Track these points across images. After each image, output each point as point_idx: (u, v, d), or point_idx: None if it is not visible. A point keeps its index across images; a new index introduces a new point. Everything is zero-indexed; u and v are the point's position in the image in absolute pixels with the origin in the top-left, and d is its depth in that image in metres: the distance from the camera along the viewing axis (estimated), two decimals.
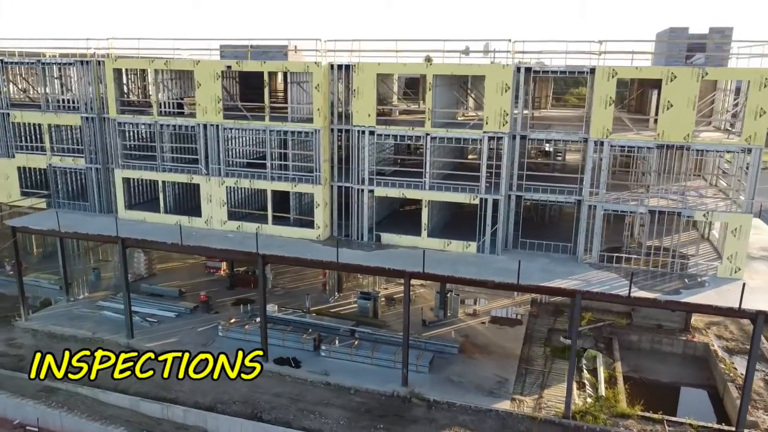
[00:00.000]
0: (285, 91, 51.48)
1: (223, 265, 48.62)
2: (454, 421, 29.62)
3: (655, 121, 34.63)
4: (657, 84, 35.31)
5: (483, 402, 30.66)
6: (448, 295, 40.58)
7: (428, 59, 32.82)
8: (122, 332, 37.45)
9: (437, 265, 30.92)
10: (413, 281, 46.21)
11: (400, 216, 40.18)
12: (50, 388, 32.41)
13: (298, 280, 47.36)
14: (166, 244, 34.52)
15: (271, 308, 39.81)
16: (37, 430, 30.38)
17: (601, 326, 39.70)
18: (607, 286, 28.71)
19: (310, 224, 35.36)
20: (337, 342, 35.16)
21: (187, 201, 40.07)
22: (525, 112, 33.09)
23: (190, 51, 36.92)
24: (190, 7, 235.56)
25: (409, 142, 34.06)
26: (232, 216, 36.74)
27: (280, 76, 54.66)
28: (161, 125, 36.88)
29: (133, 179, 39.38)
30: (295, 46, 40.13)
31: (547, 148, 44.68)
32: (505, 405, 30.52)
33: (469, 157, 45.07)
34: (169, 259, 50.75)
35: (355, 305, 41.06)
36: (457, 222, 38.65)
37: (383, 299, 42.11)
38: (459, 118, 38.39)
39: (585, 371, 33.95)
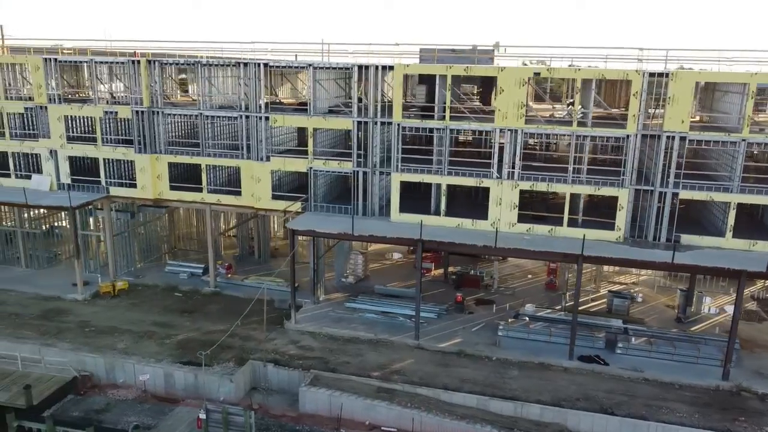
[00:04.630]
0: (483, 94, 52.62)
1: (433, 265, 49.45)
2: None
3: None
4: None
5: None
6: (696, 293, 42.30)
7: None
8: (399, 333, 38.13)
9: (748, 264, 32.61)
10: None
11: None
12: (386, 389, 32.86)
13: (517, 279, 48.79)
14: (476, 247, 35.23)
15: (531, 308, 40.93)
16: (395, 431, 30.80)
17: None
18: None
19: (603, 226, 36.49)
20: (633, 340, 36.46)
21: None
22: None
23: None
24: (190, 7, 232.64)
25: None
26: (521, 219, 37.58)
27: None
28: (450, 130, 37.50)
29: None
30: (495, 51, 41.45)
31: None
32: None
33: None
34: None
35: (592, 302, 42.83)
36: None
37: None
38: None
39: None
